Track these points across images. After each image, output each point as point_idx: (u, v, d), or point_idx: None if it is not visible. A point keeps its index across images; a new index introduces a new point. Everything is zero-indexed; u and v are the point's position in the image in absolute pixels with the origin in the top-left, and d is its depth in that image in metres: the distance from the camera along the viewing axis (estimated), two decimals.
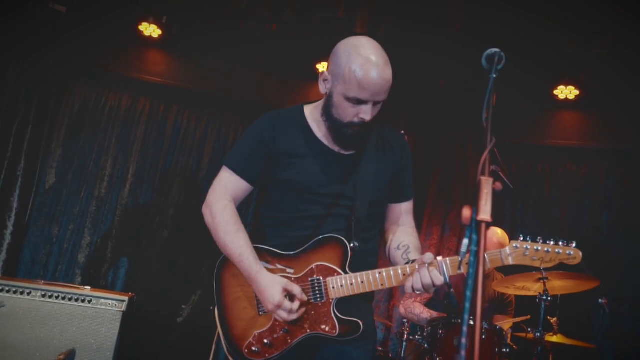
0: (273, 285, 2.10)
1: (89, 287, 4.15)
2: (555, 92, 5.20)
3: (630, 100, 5.04)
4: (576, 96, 5.17)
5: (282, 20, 5.07)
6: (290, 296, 2.11)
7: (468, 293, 1.31)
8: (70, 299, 3.99)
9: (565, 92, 5.16)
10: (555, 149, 5.43)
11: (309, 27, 5.05)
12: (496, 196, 1.40)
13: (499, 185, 1.40)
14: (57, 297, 3.97)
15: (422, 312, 4.06)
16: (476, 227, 1.35)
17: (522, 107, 5.31)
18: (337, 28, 4.98)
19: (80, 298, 3.99)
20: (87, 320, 3.96)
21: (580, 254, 1.99)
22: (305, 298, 2.12)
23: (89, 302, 4.00)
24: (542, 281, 3.60)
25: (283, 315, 2.09)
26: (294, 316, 2.11)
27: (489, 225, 1.36)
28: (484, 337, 3.41)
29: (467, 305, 1.31)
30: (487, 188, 1.38)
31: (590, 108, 5.31)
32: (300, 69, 5.54)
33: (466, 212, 1.39)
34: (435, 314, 4.02)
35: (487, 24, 4.60)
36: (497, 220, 5.37)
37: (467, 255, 1.40)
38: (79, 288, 4.11)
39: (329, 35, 4.87)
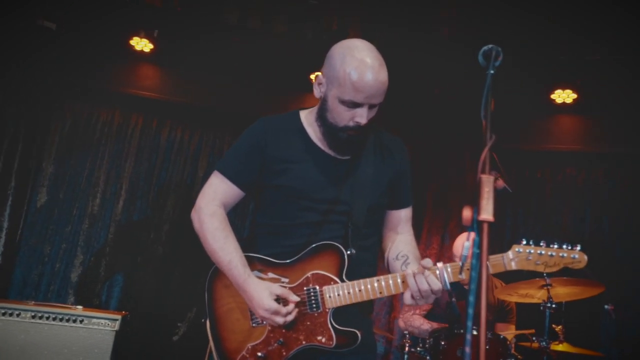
0: (260, 291, 2.03)
1: (80, 307, 4.07)
2: (553, 96, 5.14)
3: (629, 103, 4.98)
4: (574, 100, 5.10)
5: (275, 33, 5.02)
6: (283, 300, 2.04)
7: (471, 298, 1.22)
8: (61, 320, 3.90)
9: (563, 95, 5.10)
10: (555, 154, 5.36)
11: (302, 39, 5.01)
12: (497, 200, 1.32)
13: (500, 183, 1.33)
14: (47, 318, 3.88)
15: (422, 324, 3.95)
16: (478, 227, 1.26)
17: (519, 113, 5.25)
18: (330, 39, 4.92)
19: (71, 318, 3.91)
20: (79, 341, 3.87)
21: (586, 257, 1.89)
22: (296, 298, 2.04)
23: (81, 322, 3.92)
24: (545, 288, 3.50)
25: (277, 319, 2.01)
26: (290, 318, 2.03)
27: (491, 225, 1.28)
28: (487, 347, 3.31)
29: (470, 311, 1.23)
30: (488, 186, 1.30)
31: (589, 111, 5.25)
32: (295, 81, 5.50)
33: (467, 213, 1.31)
34: (435, 325, 3.92)
35: (481, 29, 4.57)
36: (498, 227, 5.31)
37: (469, 259, 1.31)
38: (70, 308, 4.03)
39: (323, 46, 4.83)
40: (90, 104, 5.53)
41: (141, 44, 5.21)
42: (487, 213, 1.26)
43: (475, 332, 1.21)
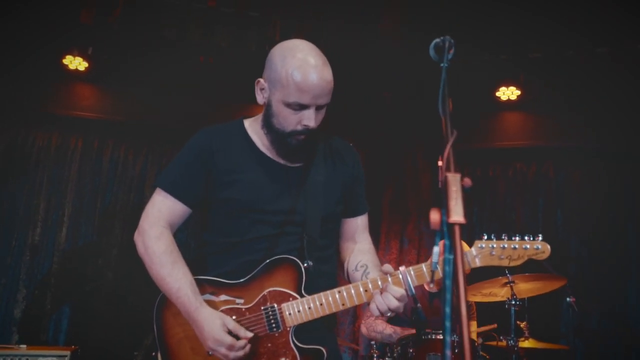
0: (212, 321, 1.89)
1: (24, 346, 3.82)
2: (497, 93, 5.20)
3: (571, 97, 5.09)
4: (518, 96, 5.19)
5: (217, 46, 4.89)
6: (236, 336, 1.90)
7: (447, 309, 1.12)
8: None
9: (507, 92, 5.18)
10: (504, 150, 5.43)
11: (246, 51, 4.90)
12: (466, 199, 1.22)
13: (468, 181, 1.22)
14: None
15: (385, 329, 3.85)
16: (448, 231, 1.16)
17: (466, 112, 5.28)
18: None
19: (14, 359, 3.63)
20: None
21: (548, 247, 1.89)
22: (249, 335, 1.91)
23: None
24: (508, 285, 3.50)
25: (225, 353, 1.87)
26: (240, 354, 1.88)
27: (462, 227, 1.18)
28: (456, 350, 3.25)
29: (448, 324, 1.12)
30: (455, 185, 1.20)
31: (533, 107, 5.34)
32: (240, 93, 5.34)
33: (435, 216, 1.20)
34: (398, 329, 3.82)
35: (423, 28, 4.56)
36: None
37: (440, 266, 1.22)
38: (13, 348, 3.79)
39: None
40: (24, 127, 5.25)
41: (75, 63, 4.97)
42: (457, 215, 1.16)
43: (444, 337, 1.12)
